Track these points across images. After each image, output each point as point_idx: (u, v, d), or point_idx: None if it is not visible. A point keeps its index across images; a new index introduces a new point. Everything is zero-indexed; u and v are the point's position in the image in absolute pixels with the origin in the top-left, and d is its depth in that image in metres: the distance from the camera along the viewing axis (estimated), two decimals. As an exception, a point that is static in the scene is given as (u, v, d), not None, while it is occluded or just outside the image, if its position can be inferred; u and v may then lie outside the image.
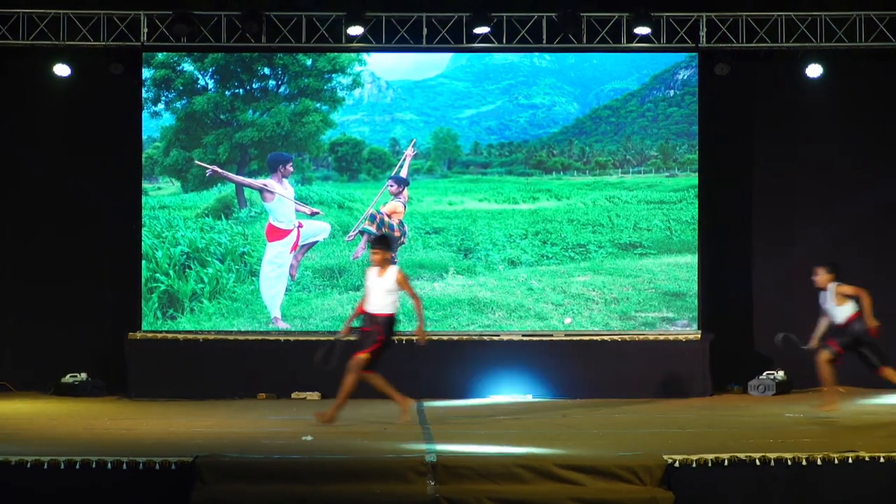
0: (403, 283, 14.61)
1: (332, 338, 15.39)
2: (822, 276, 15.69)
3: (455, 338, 18.62)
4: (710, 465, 11.68)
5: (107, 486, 11.49)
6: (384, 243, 14.87)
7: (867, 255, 18.41)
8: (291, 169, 18.93)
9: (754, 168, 19.48)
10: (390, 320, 14.62)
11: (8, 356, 15.44)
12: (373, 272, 14.64)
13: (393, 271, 14.60)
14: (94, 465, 11.52)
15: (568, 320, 18.71)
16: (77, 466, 11.50)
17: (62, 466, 11.51)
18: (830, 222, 19.02)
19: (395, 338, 14.83)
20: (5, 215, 18.57)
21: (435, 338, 18.48)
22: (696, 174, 18.92)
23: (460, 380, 18.27)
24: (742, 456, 11.73)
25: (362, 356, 14.41)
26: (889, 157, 19.21)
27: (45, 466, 11.49)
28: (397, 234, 18.89)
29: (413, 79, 19.20)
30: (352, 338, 14.74)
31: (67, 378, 18.43)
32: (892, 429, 14.44)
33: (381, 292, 14.56)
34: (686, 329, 18.62)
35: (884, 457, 11.73)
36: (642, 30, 18.50)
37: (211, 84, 19.07)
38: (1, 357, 17.31)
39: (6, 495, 11.50)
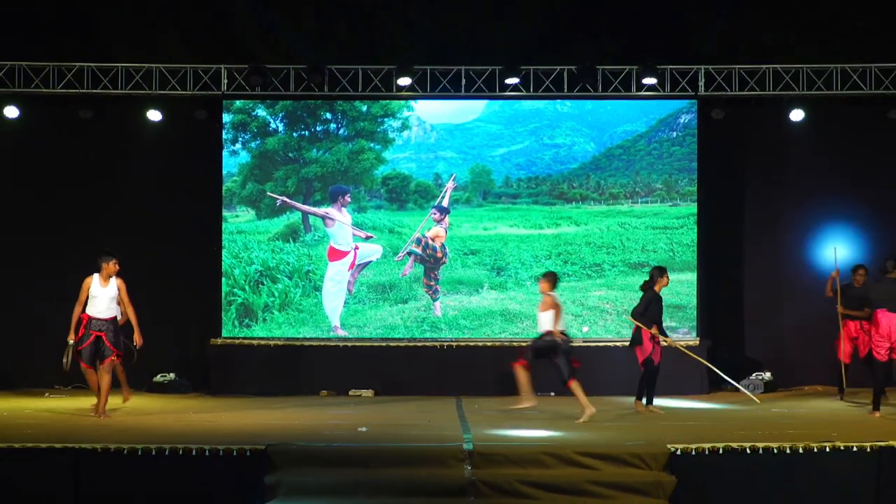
0: None
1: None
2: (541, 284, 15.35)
3: (489, 344, 18.60)
4: (707, 453, 11.70)
5: (192, 469, 11.59)
6: None
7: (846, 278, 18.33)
8: (349, 199, 18.97)
9: (746, 199, 19.42)
10: None
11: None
12: None
13: None
14: (180, 452, 11.61)
15: (586, 329, 18.68)
16: (166, 453, 11.60)
17: (153, 453, 11.60)
18: (811, 245, 18.94)
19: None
20: (107, 240, 18.64)
21: (472, 344, 18.57)
22: (696, 204, 18.86)
23: (493, 379, 18.21)
24: (735, 445, 11.74)
25: None
26: (861, 188, 19.12)
27: (139, 453, 11.59)
28: (440, 255, 18.91)
29: (453, 122, 19.20)
30: None
31: (159, 378, 18.52)
32: (863, 422, 14.40)
33: None
34: (686, 336, 18.54)
35: (857, 446, 11.74)
36: (649, 80, 18.48)
37: (281, 127, 19.13)
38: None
39: (110, 478, 11.59)
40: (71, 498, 11.51)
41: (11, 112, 18.71)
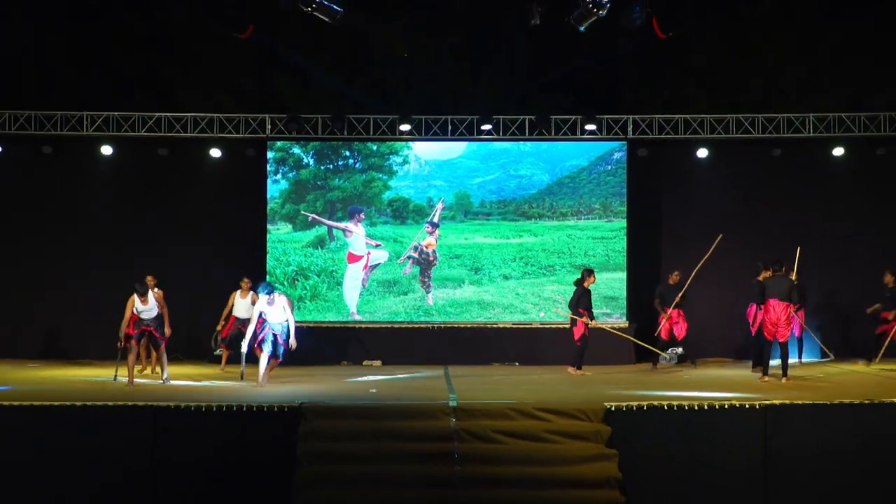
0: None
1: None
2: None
3: (468, 326, 18.54)
4: (634, 409, 11.65)
5: (242, 422, 11.55)
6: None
7: (736, 275, 18.24)
8: (363, 216, 18.90)
9: (663, 216, 19.39)
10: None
11: (182, 337, 15.56)
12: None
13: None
14: (234, 409, 11.54)
15: (542, 314, 18.62)
16: (223, 409, 11.54)
17: (214, 409, 11.53)
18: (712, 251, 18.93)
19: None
20: (180, 248, 18.61)
21: (456, 325, 18.51)
22: (626, 220, 18.82)
23: (472, 353, 18.19)
24: (656, 403, 11.70)
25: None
26: (750, 207, 19.14)
27: (203, 409, 11.53)
28: (432, 258, 18.84)
29: (442, 158, 19.12)
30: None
31: (218, 352, 18.38)
32: (754, 385, 14.35)
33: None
34: (618, 320, 18.51)
35: (748, 404, 11.69)
36: (590, 126, 18.48)
37: (311, 162, 19.05)
38: (177, 337, 17.16)
39: (178, 430, 11.50)
40: (150, 443, 11.43)
41: (107, 150, 18.70)
